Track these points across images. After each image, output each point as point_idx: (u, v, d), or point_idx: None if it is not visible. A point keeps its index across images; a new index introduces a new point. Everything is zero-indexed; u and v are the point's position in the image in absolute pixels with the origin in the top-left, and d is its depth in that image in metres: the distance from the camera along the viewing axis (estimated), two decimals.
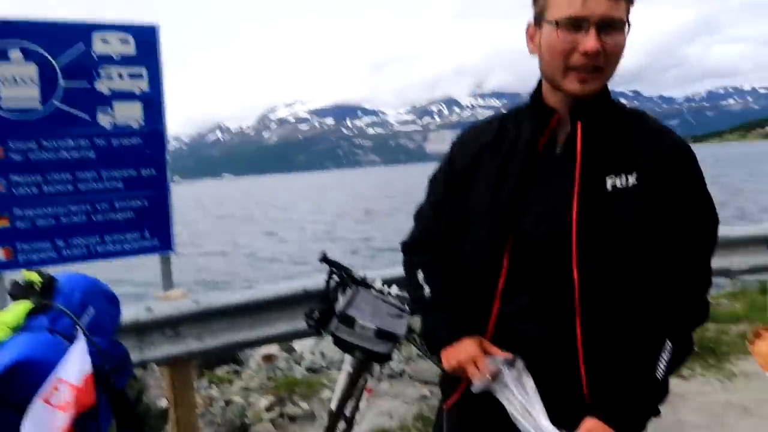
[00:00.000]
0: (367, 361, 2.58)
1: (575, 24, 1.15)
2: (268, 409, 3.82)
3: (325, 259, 2.56)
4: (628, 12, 1.20)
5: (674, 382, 4.06)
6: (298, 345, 6.04)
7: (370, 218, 30.48)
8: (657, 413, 1.28)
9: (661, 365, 1.22)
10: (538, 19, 1.24)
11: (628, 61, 1.30)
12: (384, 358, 2.42)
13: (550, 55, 1.21)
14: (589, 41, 1.14)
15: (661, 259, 1.21)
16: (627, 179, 1.21)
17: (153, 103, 3.34)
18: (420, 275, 1.47)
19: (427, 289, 1.45)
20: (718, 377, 3.99)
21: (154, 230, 3.40)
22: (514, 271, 1.29)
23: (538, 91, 1.32)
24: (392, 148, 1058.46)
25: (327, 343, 5.55)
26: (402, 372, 4.41)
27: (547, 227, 1.25)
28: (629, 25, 1.19)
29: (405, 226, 1.66)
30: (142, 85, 3.30)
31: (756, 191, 31.10)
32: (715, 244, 1.30)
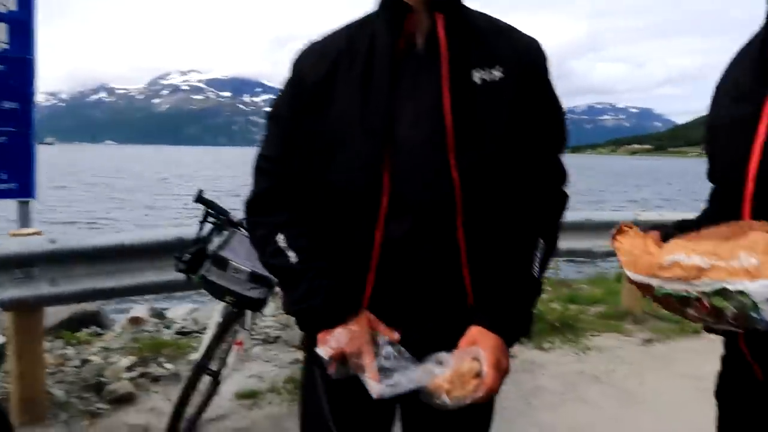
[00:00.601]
0: (238, 309, 2.48)
1: None
2: (129, 368, 3.57)
3: (200, 198, 2.40)
4: None
5: (535, 353, 4.33)
6: (171, 312, 5.74)
7: None
8: (529, 328, 1.27)
9: (536, 263, 1.24)
10: None
11: None
12: (257, 305, 2.33)
13: None
14: None
15: (526, 154, 1.23)
16: (492, 73, 1.20)
17: (22, 26, 2.98)
18: (280, 239, 1.25)
19: (292, 255, 1.23)
20: (574, 350, 4.30)
21: (12, 172, 3.05)
22: (396, 187, 1.18)
23: None
24: None
25: (202, 311, 5.33)
26: (277, 338, 4.31)
27: (424, 129, 1.18)
28: None
29: None
30: (8, 2, 2.93)
31: (616, 191, 34.78)
32: (567, 140, 1.34)
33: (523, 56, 1.24)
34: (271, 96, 1.38)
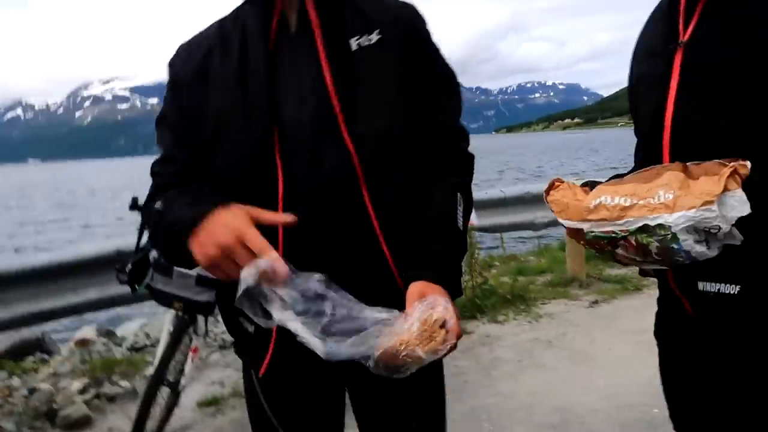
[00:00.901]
0: (189, 315, 2.43)
1: None
2: (82, 391, 3.45)
3: (135, 205, 2.33)
4: None
5: (491, 327, 4.44)
6: (120, 329, 5.56)
7: None
8: (460, 284, 1.24)
9: (459, 217, 1.22)
10: None
11: (451, 54, 1.32)
12: (208, 308, 2.30)
13: None
14: None
15: (419, 115, 1.21)
16: (370, 38, 1.18)
17: None
18: (156, 205, 1.17)
19: (158, 204, 1.17)
20: (527, 319, 4.44)
21: None
22: (291, 170, 1.13)
23: None
24: None
25: (153, 325, 5.18)
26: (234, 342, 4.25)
27: (310, 106, 1.14)
28: None
29: None
30: None
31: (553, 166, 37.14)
32: (461, 97, 1.31)
33: (398, 19, 1.22)
34: None
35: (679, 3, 1.06)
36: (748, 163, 0.88)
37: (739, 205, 0.87)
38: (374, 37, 1.18)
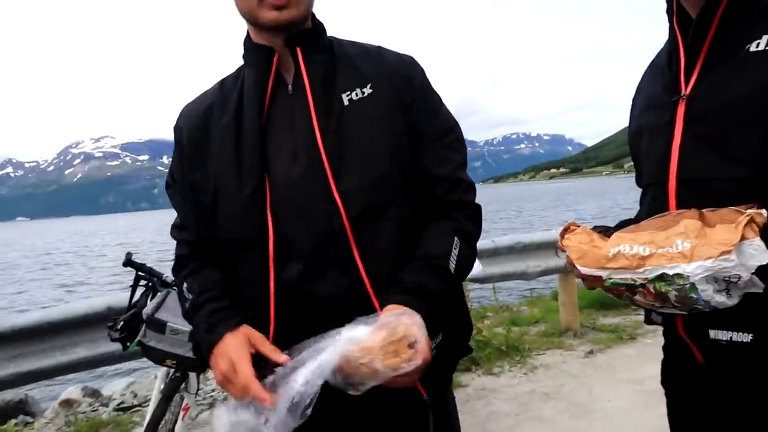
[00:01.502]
0: (181, 373, 2.38)
1: None
2: None
3: (129, 262, 2.32)
4: None
5: (486, 379, 4.36)
6: (106, 388, 5.40)
7: None
8: (444, 323, 1.18)
9: (453, 259, 1.17)
10: None
11: None
12: (200, 366, 2.25)
13: None
14: None
15: (420, 165, 1.20)
16: (362, 91, 1.19)
17: None
18: (185, 287, 1.26)
19: (190, 296, 1.24)
20: (523, 371, 4.38)
21: None
22: (282, 230, 1.15)
23: (248, 37, 1.24)
24: None
25: (141, 383, 5.05)
26: (225, 398, 4.14)
27: (302, 164, 1.15)
28: None
29: None
30: None
31: (542, 215, 36.78)
32: (466, 152, 1.29)
33: (393, 71, 1.23)
34: None
35: (679, 57, 1.10)
36: (764, 211, 0.89)
37: (758, 253, 0.87)
38: (367, 90, 1.20)
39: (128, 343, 2.24)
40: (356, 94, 1.19)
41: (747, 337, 0.99)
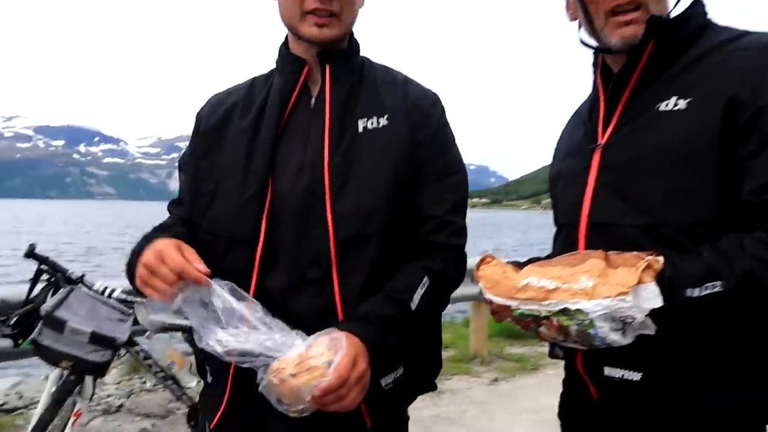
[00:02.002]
0: (77, 376, 2.24)
1: None
2: None
3: (32, 254, 2.17)
4: None
5: None
6: None
7: (89, 257, 26.46)
8: (395, 355, 1.17)
9: (416, 295, 1.16)
10: None
11: None
12: (99, 369, 2.14)
13: None
14: None
15: (416, 202, 1.22)
16: (378, 121, 1.22)
17: None
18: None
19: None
20: (429, 395, 4.44)
21: None
22: (272, 238, 1.17)
23: (285, 43, 1.29)
24: (131, 182, 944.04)
25: (28, 384, 4.69)
26: (120, 406, 3.93)
27: (305, 179, 1.18)
28: None
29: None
30: None
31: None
32: (466, 195, 1.30)
33: (413, 105, 1.26)
34: (111, 146, 1.37)
35: (599, 109, 1.19)
36: (661, 259, 0.96)
37: (652, 297, 0.93)
38: (383, 121, 1.22)
39: (20, 341, 2.10)
40: (371, 123, 1.22)
41: (637, 376, 1.06)
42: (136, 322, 2.27)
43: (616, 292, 0.94)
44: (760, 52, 0.99)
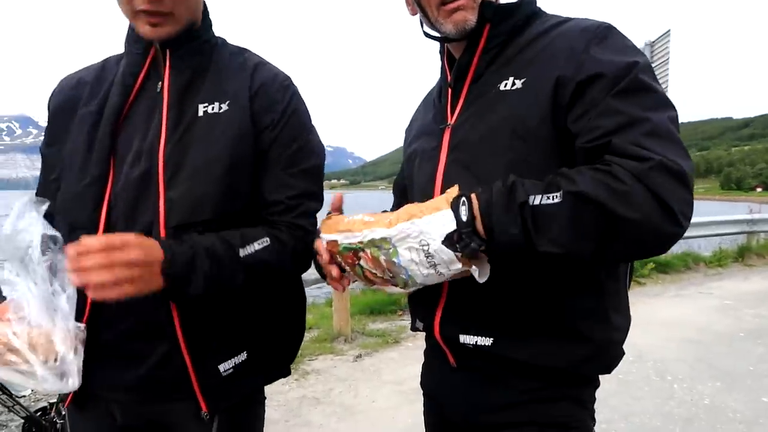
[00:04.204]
0: None
1: None
2: None
3: None
4: None
5: None
6: None
7: None
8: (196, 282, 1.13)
9: (249, 246, 1.15)
10: None
11: None
12: None
13: None
14: None
15: (260, 188, 1.21)
16: (220, 107, 1.19)
17: None
18: None
19: None
20: (294, 377, 4.43)
21: None
22: (111, 222, 1.14)
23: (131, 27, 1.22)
24: None
25: None
26: None
27: (142, 166, 1.15)
28: None
29: None
30: None
31: None
32: (319, 180, 1.29)
33: (260, 90, 1.23)
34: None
35: (447, 92, 1.25)
36: (457, 186, 1.01)
37: (447, 221, 0.95)
38: (224, 107, 1.19)
39: None
40: (212, 108, 1.18)
41: (489, 341, 1.13)
42: None
43: (407, 217, 0.98)
44: (580, 34, 1.08)
